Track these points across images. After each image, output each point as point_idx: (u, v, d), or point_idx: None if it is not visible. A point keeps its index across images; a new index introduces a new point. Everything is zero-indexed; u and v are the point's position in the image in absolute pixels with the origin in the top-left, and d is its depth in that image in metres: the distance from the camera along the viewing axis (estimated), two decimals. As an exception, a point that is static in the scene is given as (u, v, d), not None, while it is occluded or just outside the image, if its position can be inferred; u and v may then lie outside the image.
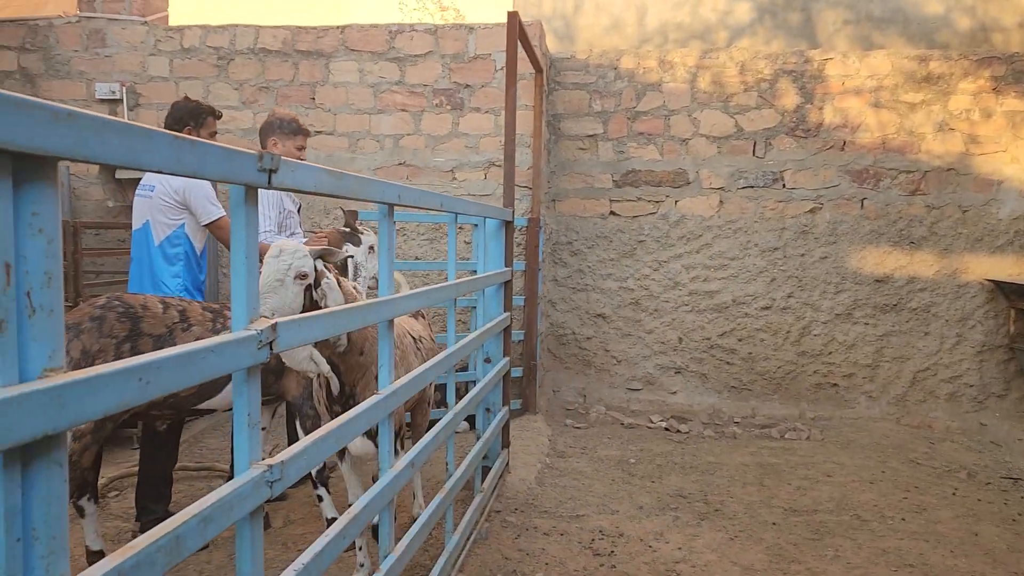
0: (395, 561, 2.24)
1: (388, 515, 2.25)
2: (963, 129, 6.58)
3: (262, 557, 1.40)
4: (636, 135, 6.97)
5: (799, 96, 6.73)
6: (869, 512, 4.48)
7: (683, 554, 3.82)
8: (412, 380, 2.42)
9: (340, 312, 1.81)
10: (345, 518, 1.86)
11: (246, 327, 1.34)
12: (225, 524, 1.25)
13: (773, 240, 6.82)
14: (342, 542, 1.80)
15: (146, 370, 1.02)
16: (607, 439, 6.09)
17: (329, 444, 1.72)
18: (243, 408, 1.36)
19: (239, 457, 1.36)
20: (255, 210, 1.38)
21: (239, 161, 1.28)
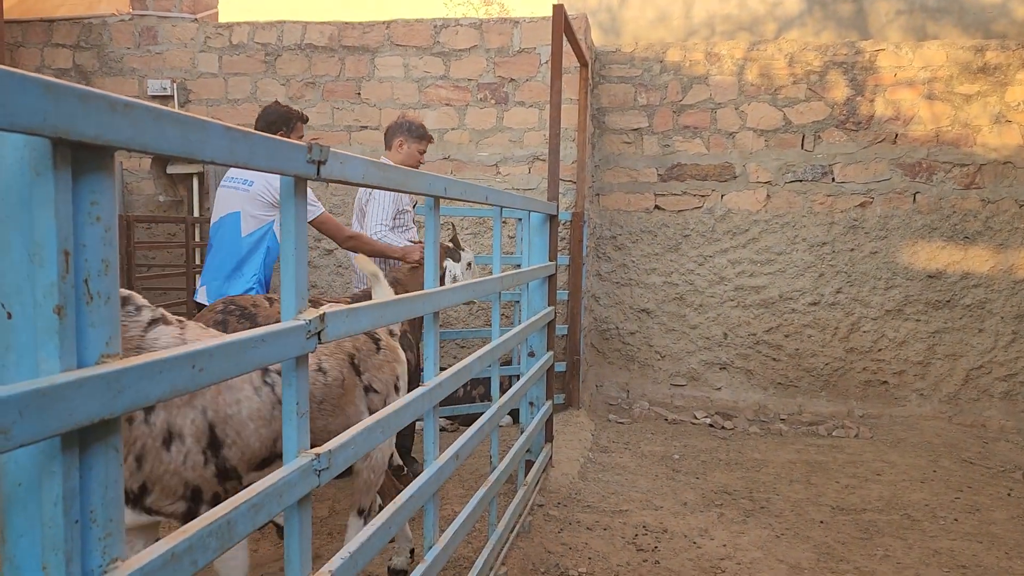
0: (440, 552, 2.26)
1: (433, 506, 2.26)
2: (1021, 121, 6.38)
3: (310, 545, 1.42)
4: (682, 128, 6.90)
5: (849, 88, 6.59)
6: (920, 512, 4.38)
7: (728, 551, 3.78)
8: (457, 372, 2.43)
9: (388, 304, 1.82)
10: (391, 508, 1.88)
11: (295, 317, 1.36)
12: (275, 511, 1.27)
13: (821, 235, 6.69)
14: (388, 531, 1.82)
15: (200, 357, 1.04)
16: (650, 435, 6.05)
17: (376, 434, 1.73)
18: (292, 397, 1.38)
19: (288, 445, 1.38)
20: (304, 201, 1.40)
21: (288, 152, 1.30)
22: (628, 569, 3.56)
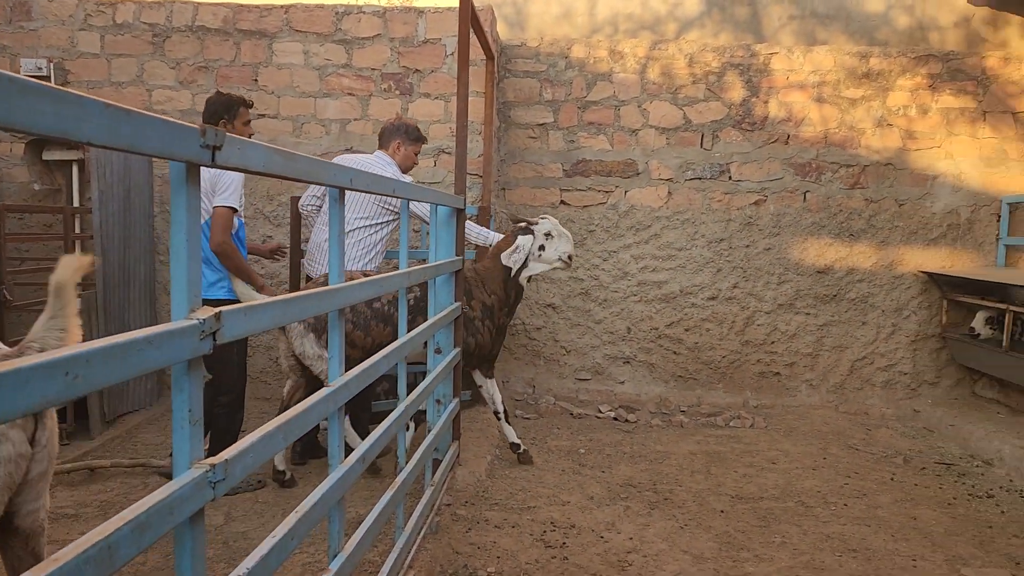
0: (346, 560, 2.16)
1: (338, 513, 2.16)
2: (901, 125, 6.73)
3: (204, 564, 1.31)
4: (586, 125, 6.94)
5: (745, 89, 6.79)
6: (813, 498, 4.55)
7: (635, 544, 3.81)
8: (364, 372, 2.33)
9: (291, 301, 1.71)
10: (293, 517, 1.77)
11: (187, 316, 1.24)
12: (163, 530, 1.15)
13: (719, 231, 6.88)
14: (290, 543, 1.71)
15: (75, 363, 0.92)
16: (557, 429, 6.07)
17: (277, 440, 1.62)
18: (184, 403, 1.26)
19: (179, 456, 1.27)
20: (197, 190, 1.28)
21: (180, 135, 1.18)
22: (537, 567, 3.54)
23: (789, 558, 3.69)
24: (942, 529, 4.13)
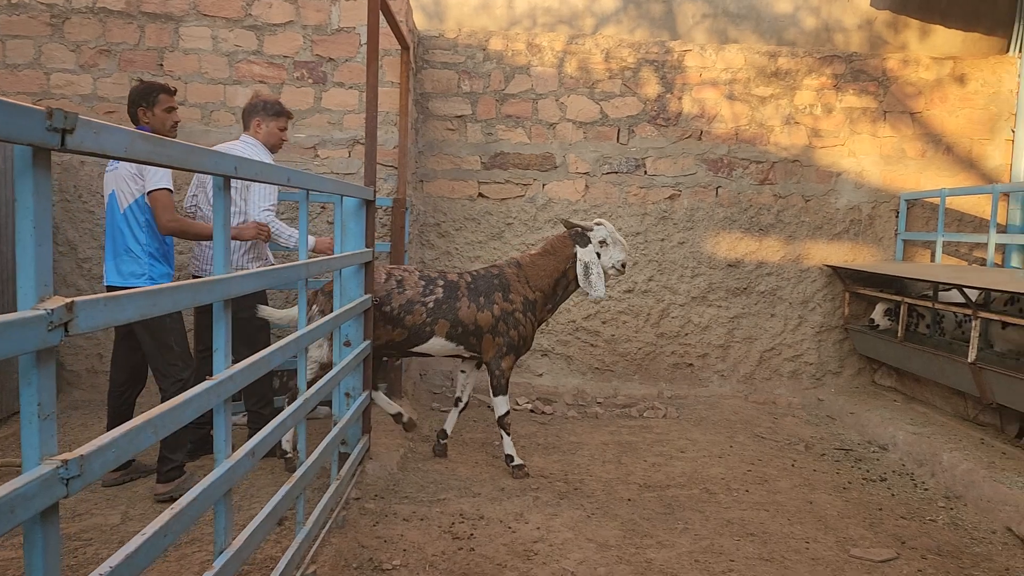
0: (231, 557, 2.11)
1: (224, 508, 2.12)
2: (807, 123, 6.96)
3: (58, 562, 1.26)
4: (505, 118, 6.96)
5: (660, 85, 6.91)
6: (717, 485, 4.68)
7: (541, 533, 3.85)
8: (254, 364, 2.29)
9: (162, 292, 1.67)
10: (168, 514, 1.72)
11: (34, 306, 1.20)
12: (6, 527, 1.11)
13: (636, 225, 6.99)
14: (163, 540, 1.66)
15: None
16: (473, 422, 6.08)
17: (146, 435, 1.58)
18: (33, 397, 1.21)
19: (28, 451, 1.22)
20: (46, 175, 1.23)
21: (23, 117, 1.13)
22: (443, 558, 3.54)
23: (690, 543, 3.79)
24: (836, 512, 4.30)
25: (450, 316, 4.67)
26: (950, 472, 4.76)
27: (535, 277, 4.77)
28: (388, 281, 4.66)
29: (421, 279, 4.72)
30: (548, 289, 4.79)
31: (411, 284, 4.68)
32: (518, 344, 4.76)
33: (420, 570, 3.41)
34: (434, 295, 4.69)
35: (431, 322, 4.66)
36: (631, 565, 3.52)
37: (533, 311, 4.77)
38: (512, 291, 4.73)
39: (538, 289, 4.77)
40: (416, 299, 4.66)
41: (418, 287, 4.68)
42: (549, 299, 4.83)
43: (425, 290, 4.68)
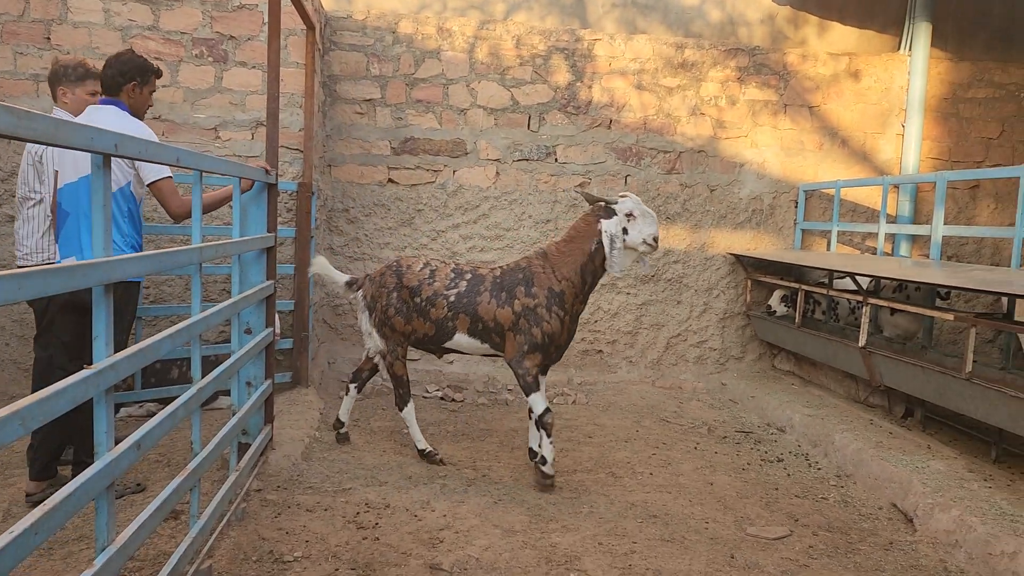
0: (114, 555, 2.01)
1: (106, 503, 2.01)
2: (712, 114, 7.14)
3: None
4: (415, 102, 6.87)
5: (571, 74, 6.95)
6: (622, 469, 4.76)
7: (448, 521, 3.84)
8: (139, 352, 2.18)
9: (29, 275, 1.56)
10: (39, 511, 1.62)
11: None
12: None
13: (546, 212, 7.03)
14: (33, 539, 1.57)
15: None
16: (381, 410, 6.01)
17: (12, 427, 1.48)
18: None
19: None
20: None
21: None
22: (347, 548, 3.48)
23: (594, 526, 3.84)
24: (734, 492, 4.44)
25: (470, 311, 4.47)
26: (842, 452, 4.97)
27: (561, 266, 4.38)
28: (423, 271, 4.60)
29: (452, 271, 4.58)
30: (576, 278, 4.37)
31: (442, 276, 4.55)
32: (542, 342, 4.36)
33: (322, 561, 3.35)
34: (456, 288, 4.52)
35: (452, 316, 4.51)
36: (536, 549, 3.54)
37: (561, 305, 4.36)
38: (536, 284, 4.38)
39: (564, 279, 4.37)
40: (440, 292, 4.52)
41: (446, 280, 4.54)
42: (579, 290, 4.40)
43: (451, 283, 4.53)
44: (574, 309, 4.43)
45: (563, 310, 4.35)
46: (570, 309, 4.39)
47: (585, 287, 4.41)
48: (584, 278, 4.37)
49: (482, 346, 4.57)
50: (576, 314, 4.47)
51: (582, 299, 4.45)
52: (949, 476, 4.26)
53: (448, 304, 4.51)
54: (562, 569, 3.35)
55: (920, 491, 4.09)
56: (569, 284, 4.36)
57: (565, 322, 4.39)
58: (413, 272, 4.62)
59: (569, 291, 4.36)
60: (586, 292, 4.44)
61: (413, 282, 4.57)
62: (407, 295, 4.60)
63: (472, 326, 4.49)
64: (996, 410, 4.16)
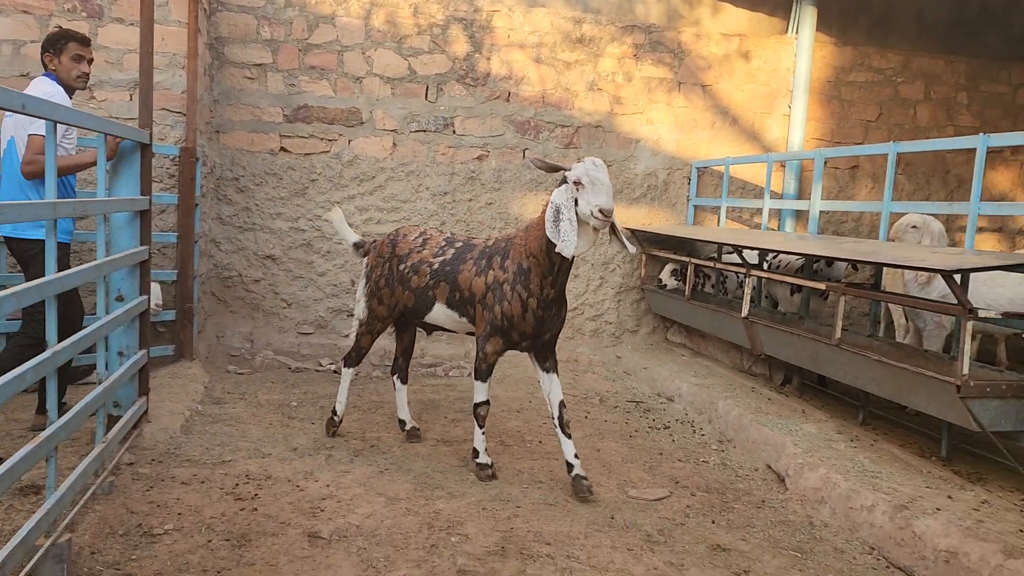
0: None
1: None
2: (609, 90, 7.22)
3: None
4: (308, 69, 6.67)
5: (469, 44, 6.89)
6: (512, 438, 4.80)
7: (331, 491, 3.78)
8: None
9: None
10: None
11: None
12: None
13: (444, 184, 6.97)
14: None
15: None
16: (271, 383, 5.87)
17: None
18: None
19: None
20: None
21: None
22: (223, 520, 3.38)
23: (480, 493, 3.85)
24: (620, 458, 4.54)
25: (451, 279, 4.15)
26: (724, 418, 5.15)
27: (531, 241, 3.87)
28: (416, 239, 4.37)
29: (444, 240, 4.32)
30: (542, 256, 3.80)
31: (432, 245, 4.30)
32: (502, 324, 3.94)
33: (195, 533, 3.24)
34: (443, 256, 4.22)
35: (433, 285, 4.21)
36: (419, 516, 3.53)
37: (526, 284, 3.87)
38: (510, 257, 3.96)
39: (531, 255, 3.85)
40: (427, 259, 4.25)
41: (436, 248, 4.27)
42: (546, 271, 3.82)
43: (439, 251, 4.25)
44: (543, 294, 3.86)
45: (526, 291, 3.87)
46: (538, 293, 3.86)
47: (554, 268, 3.81)
48: (551, 258, 3.77)
49: (460, 320, 4.22)
50: (547, 301, 3.89)
51: (552, 283, 3.86)
52: (819, 438, 4.47)
53: (431, 271, 4.23)
54: (444, 534, 3.35)
55: (792, 452, 4.27)
56: (535, 263, 3.84)
57: (530, 307, 3.88)
58: (407, 241, 4.40)
59: (535, 270, 3.84)
60: (556, 276, 3.85)
61: (404, 250, 4.36)
62: (396, 264, 4.38)
63: (451, 295, 4.17)
64: (862, 374, 4.38)
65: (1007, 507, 3.51)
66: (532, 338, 4.00)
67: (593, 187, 3.56)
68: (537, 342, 4.05)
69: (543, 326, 3.97)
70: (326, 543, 3.22)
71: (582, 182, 3.58)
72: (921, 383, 3.89)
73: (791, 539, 3.55)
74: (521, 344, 4.04)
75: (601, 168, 3.60)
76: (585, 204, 3.57)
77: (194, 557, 3.04)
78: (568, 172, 3.67)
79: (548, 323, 3.98)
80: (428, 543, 3.25)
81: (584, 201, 3.57)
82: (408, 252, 4.35)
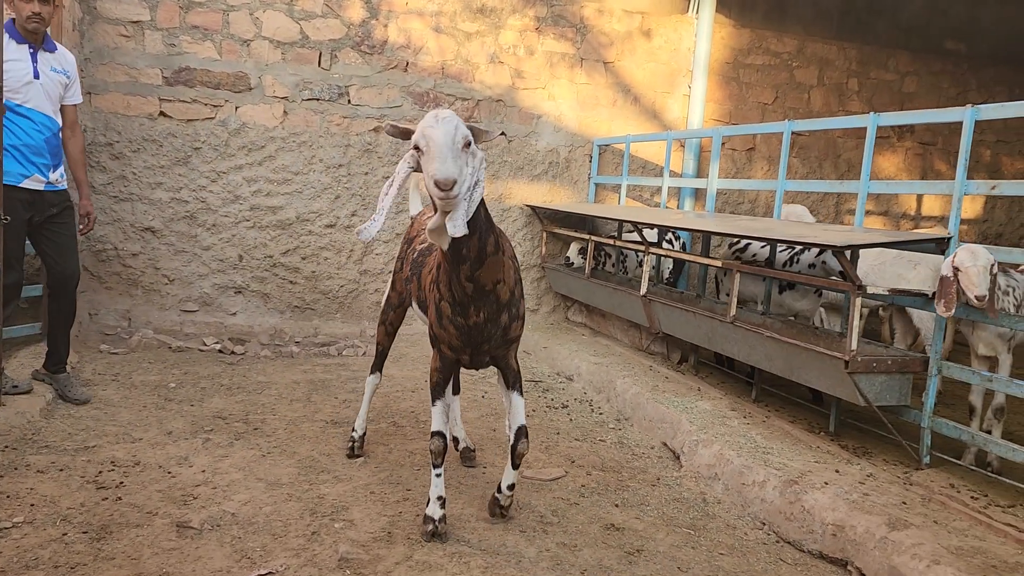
0: None
1: None
2: (511, 63, 7.07)
3: None
4: (190, 28, 6.24)
5: (365, 10, 6.59)
6: (406, 419, 4.63)
7: (206, 476, 3.53)
8: None
9: None
10: None
11: None
12: None
13: (338, 156, 6.68)
14: None
15: None
16: (148, 364, 5.48)
17: None
18: None
19: None
20: None
21: None
22: (82, 511, 3.09)
23: (369, 476, 3.67)
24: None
25: (418, 273, 3.38)
26: (622, 397, 5.12)
27: None
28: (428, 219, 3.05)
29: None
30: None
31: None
32: (431, 334, 3.18)
33: (48, 525, 2.95)
34: (424, 243, 3.40)
35: (410, 278, 3.48)
36: (301, 502, 3.32)
37: (438, 284, 3.00)
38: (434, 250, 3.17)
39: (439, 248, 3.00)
40: (416, 247, 3.48)
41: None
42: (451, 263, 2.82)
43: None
44: (457, 294, 2.90)
45: (439, 292, 3.01)
46: (448, 295, 2.95)
47: (459, 259, 2.78)
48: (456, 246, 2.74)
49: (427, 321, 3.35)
50: (465, 302, 2.91)
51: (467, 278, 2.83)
52: (714, 415, 4.49)
53: (412, 262, 3.46)
54: (327, 520, 3.16)
55: (687, 430, 4.27)
56: (441, 255, 2.87)
57: (444, 313, 3.00)
58: (419, 221, 3.69)
59: (444, 265, 2.90)
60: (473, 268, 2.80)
61: (413, 232, 3.69)
62: (405, 248, 3.73)
63: (419, 293, 3.37)
64: (755, 351, 4.41)
65: (891, 480, 3.59)
66: (465, 352, 3.10)
67: (428, 150, 2.52)
68: (477, 357, 3.14)
69: (471, 337, 3.01)
70: (196, 533, 2.98)
71: (419, 146, 2.58)
72: (811, 359, 3.94)
73: (685, 516, 3.53)
74: (460, 359, 3.16)
75: (442, 123, 2.54)
76: (425, 175, 2.54)
77: (45, 552, 2.76)
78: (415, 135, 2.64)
79: (479, 333, 3.00)
80: (309, 530, 3.06)
81: (424, 172, 2.56)
82: (415, 234, 3.59)
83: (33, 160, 4.12)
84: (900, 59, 8.50)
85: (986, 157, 9.07)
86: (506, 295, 2.98)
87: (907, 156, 8.66)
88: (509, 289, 2.99)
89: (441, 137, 2.50)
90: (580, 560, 3.01)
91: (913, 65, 8.58)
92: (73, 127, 4.44)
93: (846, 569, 3.08)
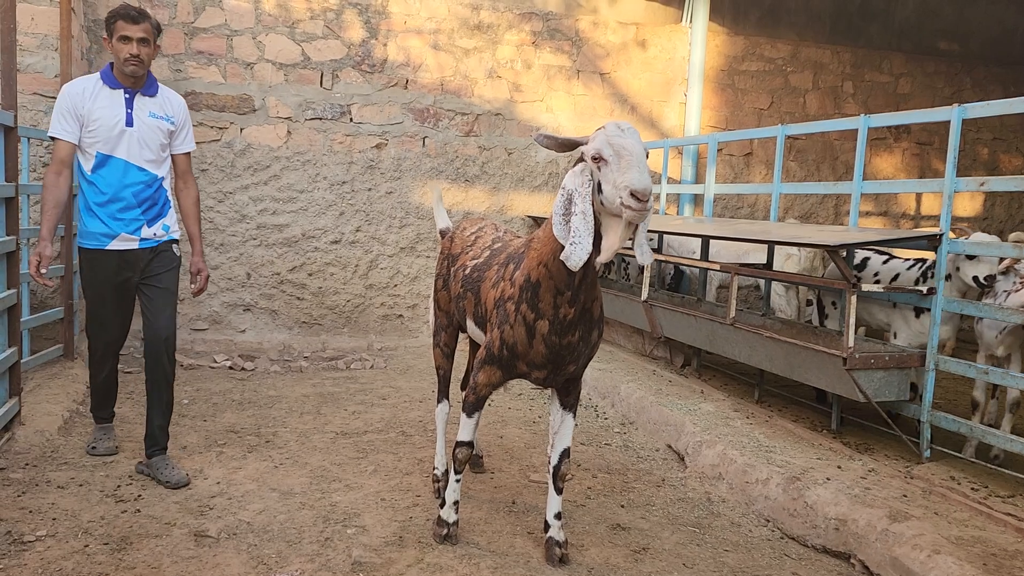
0: None
1: None
2: (509, 78, 7.19)
3: None
4: (196, 54, 6.38)
5: (365, 30, 6.73)
6: (414, 428, 4.72)
7: (221, 488, 3.62)
8: None
9: None
10: None
11: None
12: None
13: (341, 174, 6.80)
14: None
15: None
16: (160, 382, 5.57)
17: None
18: None
19: None
20: None
21: None
22: (102, 523, 3.18)
23: (379, 484, 3.76)
24: (523, 444, 4.52)
25: (475, 289, 3.23)
26: (626, 401, 5.20)
27: (544, 243, 2.76)
28: (471, 235, 3.50)
29: (492, 238, 3.40)
30: (552, 263, 2.70)
31: (480, 244, 3.38)
32: (500, 353, 2.93)
33: (71, 538, 3.04)
34: (478, 259, 3.29)
35: (463, 295, 3.32)
36: (314, 510, 3.41)
37: (533, 304, 2.80)
38: (520, 267, 2.92)
39: (542, 262, 2.75)
40: (466, 262, 3.36)
41: (480, 248, 3.34)
42: (560, 284, 2.72)
43: (480, 252, 3.31)
44: (558, 315, 2.77)
45: (534, 311, 2.80)
46: (550, 314, 2.78)
47: (572, 281, 2.70)
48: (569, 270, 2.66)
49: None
50: (565, 323, 2.79)
51: (571, 300, 2.74)
52: (717, 416, 4.57)
53: (464, 278, 3.33)
54: (340, 527, 3.25)
55: (691, 431, 4.35)
56: (546, 273, 2.74)
57: (539, 331, 2.82)
58: (462, 237, 3.57)
59: (546, 284, 2.75)
60: (577, 290, 2.73)
61: (457, 248, 3.54)
62: (450, 263, 3.59)
63: (475, 310, 3.23)
64: (756, 352, 4.49)
65: (892, 474, 3.67)
66: (547, 370, 2.94)
67: (619, 160, 2.45)
68: (557, 375, 2.99)
69: (561, 356, 2.87)
70: (214, 542, 3.07)
71: (603, 156, 2.48)
72: (811, 358, 4.02)
73: (690, 515, 3.61)
74: (532, 376, 2.98)
75: (630, 133, 2.51)
76: (610, 187, 2.46)
77: (68, 563, 2.85)
78: (585, 147, 2.58)
79: (569, 352, 2.87)
80: (323, 536, 3.15)
81: (609, 183, 2.47)
82: (460, 251, 3.49)
83: (121, 217, 3.66)
84: (894, 61, 8.60)
85: (984, 155, 9.16)
86: (598, 312, 2.92)
87: (905, 156, 8.75)
88: (600, 305, 2.94)
89: (635, 146, 2.46)
90: (587, 559, 3.09)
91: (907, 67, 8.68)
92: (186, 177, 3.96)
93: (849, 562, 3.15)
